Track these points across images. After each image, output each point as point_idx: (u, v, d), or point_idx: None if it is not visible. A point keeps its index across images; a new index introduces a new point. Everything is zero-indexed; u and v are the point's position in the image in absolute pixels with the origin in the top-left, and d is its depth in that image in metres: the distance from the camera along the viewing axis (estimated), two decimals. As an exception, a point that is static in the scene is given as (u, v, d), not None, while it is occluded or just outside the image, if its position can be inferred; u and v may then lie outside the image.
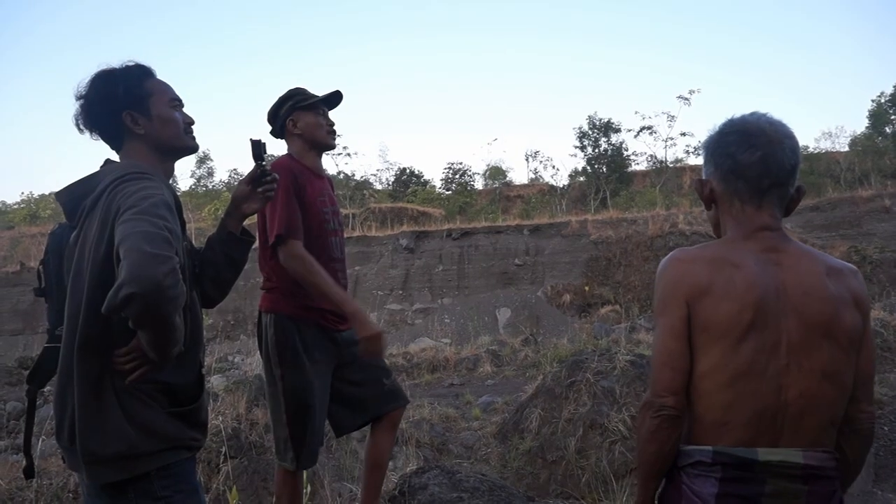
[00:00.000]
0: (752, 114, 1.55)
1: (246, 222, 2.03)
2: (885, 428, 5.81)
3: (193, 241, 1.97)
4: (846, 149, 31.61)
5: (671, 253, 1.56)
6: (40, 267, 1.83)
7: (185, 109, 1.90)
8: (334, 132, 2.81)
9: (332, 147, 2.84)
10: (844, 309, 1.44)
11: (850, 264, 1.55)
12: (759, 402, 1.40)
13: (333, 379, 2.70)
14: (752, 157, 1.48)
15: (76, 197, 1.71)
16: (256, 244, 2.38)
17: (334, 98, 2.82)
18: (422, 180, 36.11)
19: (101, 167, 1.79)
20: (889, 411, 6.07)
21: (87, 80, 1.78)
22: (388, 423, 2.81)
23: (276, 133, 2.82)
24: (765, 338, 1.41)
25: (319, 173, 2.80)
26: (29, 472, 1.84)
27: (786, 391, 1.40)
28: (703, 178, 1.60)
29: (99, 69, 1.80)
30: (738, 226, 1.53)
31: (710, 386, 1.43)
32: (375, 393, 2.77)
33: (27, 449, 1.82)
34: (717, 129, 1.58)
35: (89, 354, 1.56)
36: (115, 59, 1.82)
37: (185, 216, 1.76)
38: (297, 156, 2.74)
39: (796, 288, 1.43)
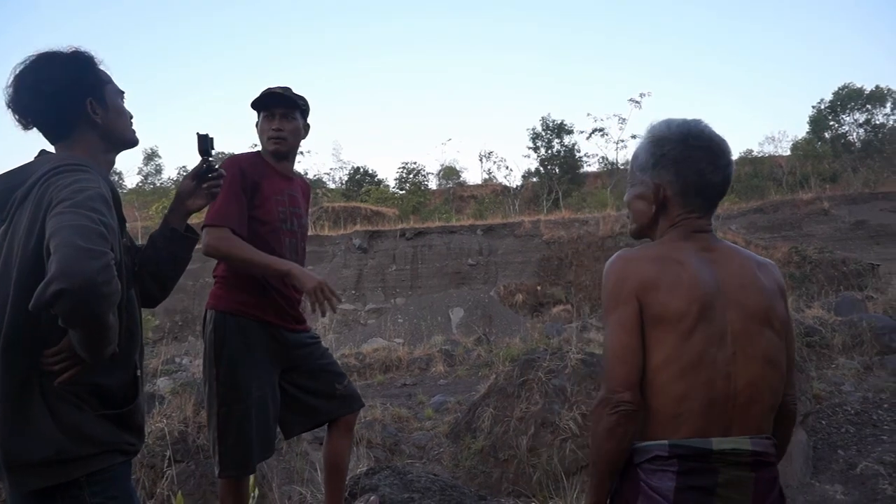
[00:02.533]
0: (706, 126, 1.60)
1: (191, 219, 1.97)
2: (823, 422, 6.02)
3: (139, 240, 1.90)
4: (788, 153, 32.70)
5: (617, 253, 1.60)
6: None
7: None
8: (278, 137, 2.65)
9: (274, 152, 2.68)
10: (776, 299, 1.54)
11: (768, 259, 1.65)
12: (712, 391, 1.44)
13: (283, 382, 2.62)
14: (718, 178, 1.56)
15: (7, 189, 1.62)
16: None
17: (265, 100, 2.67)
18: (375, 180, 35.96)
19: (35, 158, 1.69)
20: (826, 406, 6.30)
21: (42, 63, 1.66)
22: (342, 427, 2.74)
23: None
24: (712, 329, 1.45)
25: (287, 174, 2.72)
26: None
27: (735, 379, 1.45)
28: (656, 180, 1.59)
29: (54, 51, 1.67)
30: (676, 228, 1.59)
31: (664, 378, 1.45)
32: (327, 399, 2.70)
33: None
34: (678, 133, 1.58)
35: (15, 354, 1.48)
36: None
37: (131, 214, 1.70)
38: (264, 154, 2.71)
39: (733, 281, 1.51)
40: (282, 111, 2.67)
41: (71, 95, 1.67)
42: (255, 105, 2.69)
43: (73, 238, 1.31)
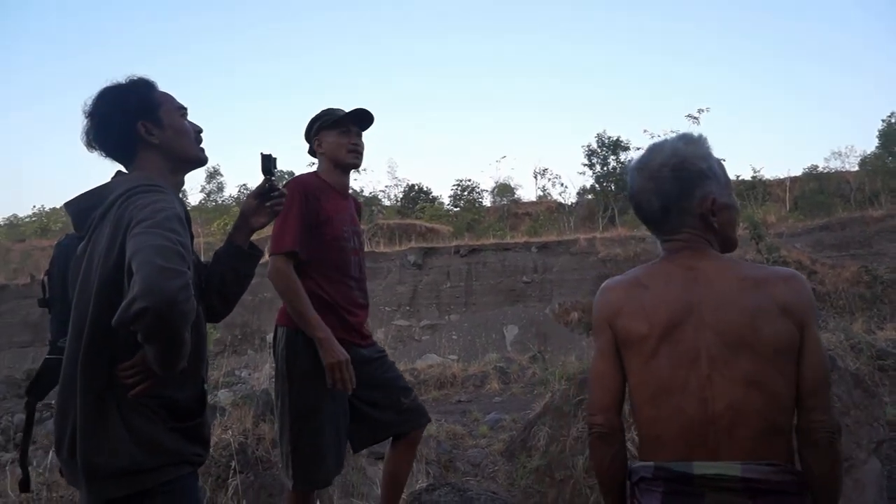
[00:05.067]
0: (656, 148, 1.61)
1: (254, 237, 2.03)
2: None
3: (202, 256, 1.96)
4: (856, 168, 31.50)
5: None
6: (45, 277, 1.82)
7: (191, 119, 1.90)
8: (357, 151, 2.76)
9: (353, 166, 2.79)
10: (763, 319, 1.43)
11: (785, 270, 1.52)
12: (685, 416, 1.43)
13: (351, 397, 2.65)
14: (656, 204, 1.58)
15: (86, 208, 1.70)
16: (267, 258, 2.41)
17: (358, 116, 2.77)
18: (430, 197, 36.20)
19: (113, 178, 1.78)
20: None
21: (94, 96, 1.78)
22: (407, 442, 2.78)
23: (312, 152, 2.86)
24: (679, 353, 1.45)
25: (344, 193, 2.80)
26: (24, 486, 1.80)
27: (712, 403, 1.42)
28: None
29: (105, 85, 1.79)
30: (662, 250, 1.62)
31: (638, 402, 1.51)
32: (394, 413, 2.73)
33: (23, 462, 1.79)
34: (632, 169, 1.65)
35: (93, 367, 1.54)
36: (125, 73, 1.82)
37: (193, 230, 1.75)
38: (324, 174, 2.77)
39: (710, 302, 1.47)
40: (357, 129, 2.78)
41: (120, 121, 1.75)
42: (341, 120, 2.75)
43: (153, 258, 1.37)
